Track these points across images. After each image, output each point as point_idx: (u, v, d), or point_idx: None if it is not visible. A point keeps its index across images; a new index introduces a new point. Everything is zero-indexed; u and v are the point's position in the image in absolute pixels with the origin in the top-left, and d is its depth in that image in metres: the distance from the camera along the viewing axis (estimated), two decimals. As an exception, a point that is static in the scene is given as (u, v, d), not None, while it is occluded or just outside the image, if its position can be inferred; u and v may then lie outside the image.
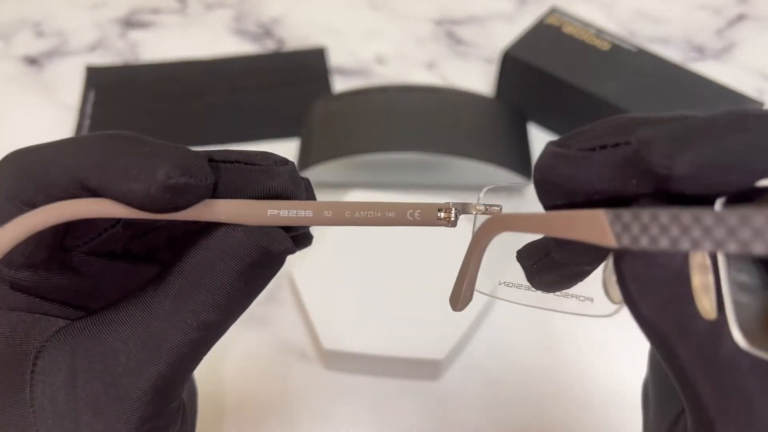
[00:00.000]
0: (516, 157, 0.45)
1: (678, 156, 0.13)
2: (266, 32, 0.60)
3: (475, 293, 0.19)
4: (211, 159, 0.17)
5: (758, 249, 0.10)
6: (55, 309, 0.17)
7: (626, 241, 0.12)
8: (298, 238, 0.20)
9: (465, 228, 0.43)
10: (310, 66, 0.56)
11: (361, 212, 0.17)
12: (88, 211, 0.16)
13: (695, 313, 0.13)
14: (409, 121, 0.45)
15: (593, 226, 0.12)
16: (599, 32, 0.49)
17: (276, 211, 0.17)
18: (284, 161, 0.18)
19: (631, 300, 0.14)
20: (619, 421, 0.36)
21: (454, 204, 0.17)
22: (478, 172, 0.44)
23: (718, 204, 0.12)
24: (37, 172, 0.16)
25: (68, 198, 0.16)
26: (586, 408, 0.36)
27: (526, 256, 0.19)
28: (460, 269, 0.18)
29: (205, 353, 0.18)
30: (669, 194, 0.13)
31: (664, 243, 0.11)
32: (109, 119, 0.51)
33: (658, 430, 0.19)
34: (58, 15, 0.61)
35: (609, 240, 0.12)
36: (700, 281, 0.13)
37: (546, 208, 0.16)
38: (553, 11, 0.51)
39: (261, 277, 0.17)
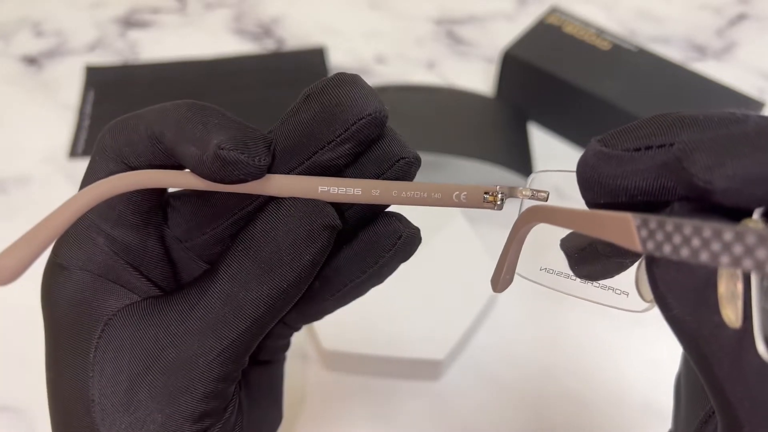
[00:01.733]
0: (516, 157, 0.45)
1: (717, 169, 0.12)
2: (266, 32, 0.60)
3: (516, 277, 0.19)
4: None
5: (746, 265, 0.10)
6: (134, 280, 0.18)
7: (651, 247, 0.12)
8: (405, 242, 0.19)
9: (465, 230, 0.43)
10: (310, 66, 0.56)
11: (408, 192, 0.17)
12: (146, 182, 0.16)
13: (722, 321, 0.13)
14: (409, 120, 0.45)
15: (622, 229, 0.12)
16: (600, 32, 0.49)
17: (326, 188, 0.17)
18: (342, 72, 0.18)
19: (661, 300, 0.14)
20: (620, 420, 0.36)
21: (501, 187, 0.17)
22: (478, 172, 0.44)
23: (756, 214, 0.13)
24: (128, 128, 0.17)
25: (149, 152, 0.17)
26: (587, 408, 0.36)
27: (570, 244, 0.19)
28: (502, 252, 0.18)
29: (261, 332, 0.18)
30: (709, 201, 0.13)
31: (684, 253, 0.11)
32: (109, 119, 0.51)
33: (688, 427, 0.19)
34: (58, 15, 0.61)
35: (635, 244, 0.12)
36: (727, 289, 0.13)
37: (589, 205, 0.16)
38: (553, 11, 0.51)
39: (309, 252, 0.17)
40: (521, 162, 0.44)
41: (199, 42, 0.58)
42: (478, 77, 0.55)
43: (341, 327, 0.36)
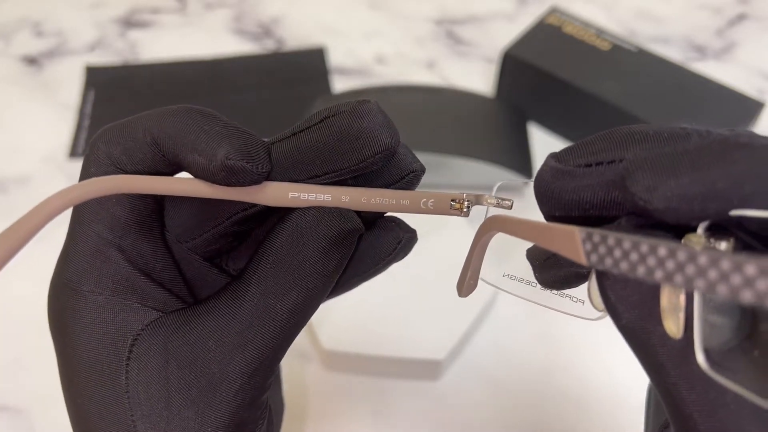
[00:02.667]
0: (516, 157, 0.45)
1: (656, 189, 0.13)
2: (266, 32, 0.60)
3: (480, 282, 0.20)
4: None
5: (700, 285, 0.10)
6: (150, 290, 0.18)
7: (594, 260, 0.12)
8: (403, 246, 0.20)
9: (464, 231, 0.43)
10: (310, 66, 0.56)
11: (377, 199, 0.18)
12: (119, 186, 0.17)
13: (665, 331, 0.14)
14: (409, 121, 0.45)
15: (569, 241, 0.13)
16: (599, 32, 0.49)
17: (297, 194, 0.17)
18: (363, 101, 0.18)
19: (611, 310, 0.15)
20: (617, 421, 0.36)
21: (467, 195, 0.18)
22: (478, 172, 0.44)
23: (701, 229, 0.13)
24: (124, 135, 0.18)
25: (148, 158, 0.17)
26: (586, 408, 0.36)
27: (535, 253, 0.19)
28: (466, 258, 0.19)
29: (292, 338, 0.18)
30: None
31: (624, 267, 0.11)
32: (109, 119, 0.51)
33: None
34: (58, 15, 0.61)
35: (580, 257, 0.13)
36: (669, 301, 0.14)
37: (546, 217, 0.16)
38: (553, 11, 0.51)
39: (336, 257, 0.18)
40: (521, 162, 0.44)
41: (199, 42, 0.58)
42: (478, 77, 0.55)
43: (341, 327, 0.36)
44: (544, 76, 0.47)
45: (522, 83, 0.49)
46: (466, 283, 0.19)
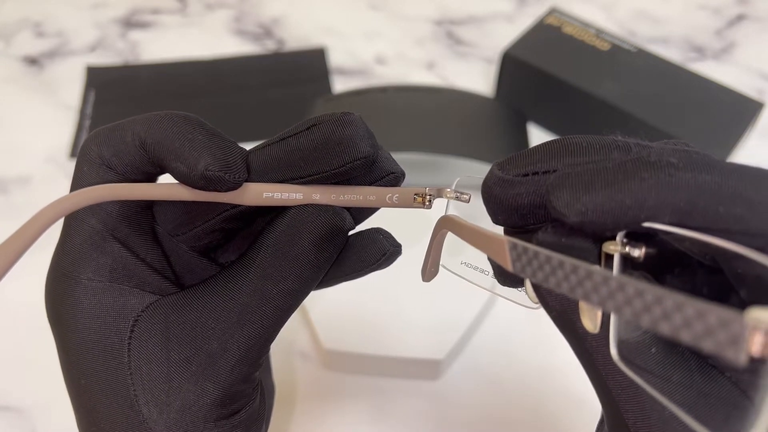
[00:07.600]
0: (516, 157, 0.45)
1: (573, 205, 0.14)
2: (266, 32, 0.60)
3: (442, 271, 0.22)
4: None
5: (577, 294, 0.12)
6: (146, 275, 0.20)
7: (518, 268, 0.14)
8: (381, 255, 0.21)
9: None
10: (310, 66, 0.56)
11: (346, 195, 0.19)
12: (107, 195, 0.18)
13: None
14: (409, 121, 0.45)
15: (499, 249, 0.15)
16: (599, 32, 0.49)
17: (271, 194, 0.19)
18: (347, 113, 0.19)
19: (544, 302, 0.16)
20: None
21: (429, 189, 0.19)
22: (477, 172, 0.44)
23: (619, 237, 0.14)
24: (114, 138, 0.19)
25: (137, 161, 0.19)
26: (586, 407, 0.36)
27: None
28: (427, 249, 0.20)
29: (284, 321, 0.20)
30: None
31: (539, 276, 0.13)
32: (110, 119, 0.51)
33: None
34: (58, 15, 0.61)
35: (508, 264, 0.14)
36: None
37: (492, 220, 0.18)
38: (552, 11, 0.51)
39: (328, 249, 0.19)
40: (521, 162, 0.45)
41: (199, 42, 0.59)
42: (478, 78, 0.55)
43: (341, 327, 0.36)
44: (543, 76, 0.47)
45: (521, 83, 0.49)
46: (428, 271, 0.21)
